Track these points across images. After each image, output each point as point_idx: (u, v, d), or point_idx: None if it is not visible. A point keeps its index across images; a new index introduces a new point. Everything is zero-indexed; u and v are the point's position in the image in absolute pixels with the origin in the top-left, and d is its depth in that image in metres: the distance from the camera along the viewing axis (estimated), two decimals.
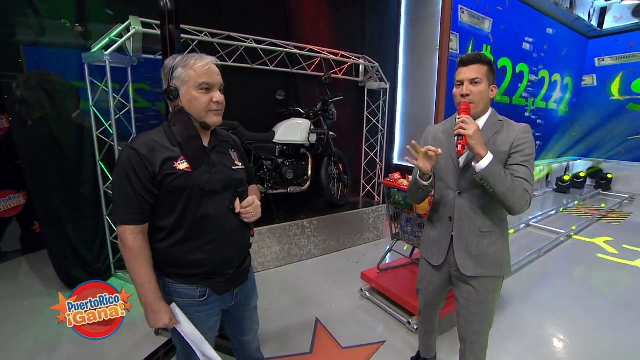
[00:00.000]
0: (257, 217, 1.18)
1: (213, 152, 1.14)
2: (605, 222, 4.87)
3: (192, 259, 1.08)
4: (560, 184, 6.73)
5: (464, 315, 1.43)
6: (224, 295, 1.18)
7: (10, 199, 3.25)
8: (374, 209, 3.88)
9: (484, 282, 1.36)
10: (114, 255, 2.81)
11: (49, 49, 2.54)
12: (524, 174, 1.25)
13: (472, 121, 1.22)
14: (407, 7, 4.63)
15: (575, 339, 2.21)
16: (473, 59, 1.30)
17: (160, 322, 1.06)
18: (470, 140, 1.19)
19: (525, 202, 1.23)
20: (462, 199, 1.36)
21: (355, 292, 2.73)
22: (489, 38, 4.86)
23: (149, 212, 1.04)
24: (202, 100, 1.06)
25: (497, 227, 1.35)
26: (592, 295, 2.78)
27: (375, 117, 4.31)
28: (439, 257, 1.46)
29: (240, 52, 3.15)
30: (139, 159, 0.99)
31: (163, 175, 1.02)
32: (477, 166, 1.22)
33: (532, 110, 6.19)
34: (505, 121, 1.35)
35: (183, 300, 1.12)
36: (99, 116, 2.58)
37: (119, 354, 1.95)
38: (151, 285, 1.04)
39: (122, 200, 1.01)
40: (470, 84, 1.30)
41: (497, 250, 1.35)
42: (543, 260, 3.47)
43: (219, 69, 1.11)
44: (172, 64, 1.06)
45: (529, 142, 1.28)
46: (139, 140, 1.04)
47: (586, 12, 6.32)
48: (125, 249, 1.02)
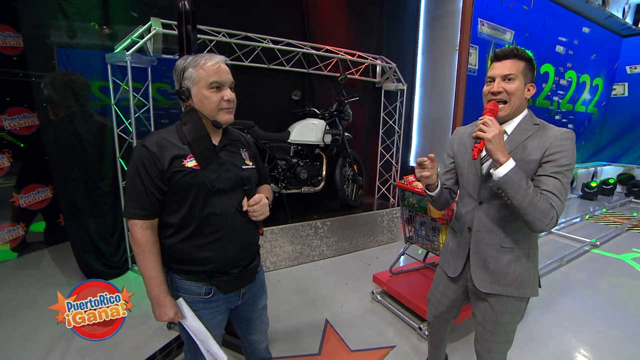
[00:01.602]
0: (264, 215, 1.17)
1: (223, 151, 1.15)
2: (637, 232, 4.60)
3: (198, 256, 1.10)
4: (587, 190, 6.41)
5: (480, 332, 1.34)
6: (230, 294, 1.18)
7: (38, 192, 3.42)
8: (388, 211, 3.82)
9: (502, 301, 1.26)
10: (130, 250, 2.90)
11: (75, 50, 2.65)
12: (552, 188, 1.09)
13: (494, 123, 1.09)
14: (426, 5, 4.55)
15: (599, 353, 2.09)
16: (509, 52, 1.16)
17: (165, 316, 1.07)
18: (489, 145, 1.07)
19: (550, 220, 1.08)
20: (482, 210, 1.26)
21: (367, 294, 2.69)
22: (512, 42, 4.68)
23: (157, 208, 1.07)
24: (214, 99, 1.08)
25: (521, 244, 1.22)
26: (617, 308, 2.63)
27: (391, 119, 4.25)
28: (456, 269, 1.38)
29: (257, 52, 3.19)
30: (149, 156, 1.02)
31: (172, 172, 1.04)
32: (494, 173, 1.10)
33: (556, 112, 5.92)
34: (542, 125, 1.19)
35: (189, 297, 1.13)
36: (120, 114, 2.67)
37: (133, 345, 2.01)
38: (157, 279, 1.06)
39: (132, 195, 1.04)
40: (502, 80, 1.16)
41: (519, 269, 1.23)
42: (565, 270, 3.31)
43: (229, 68, 1.12)
44: (183, 64, 1.08)
45: (566, 151, 1.10)
46: (151, 138, 1.06)
47: (620, 9, 6.00)
48: (134, 243, 1.05)
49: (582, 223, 4.93)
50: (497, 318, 1.27)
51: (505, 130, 1.22)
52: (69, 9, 2.56)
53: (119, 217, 2.84)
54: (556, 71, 5.64)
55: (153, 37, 2.49)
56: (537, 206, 1.06)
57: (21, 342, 2.02)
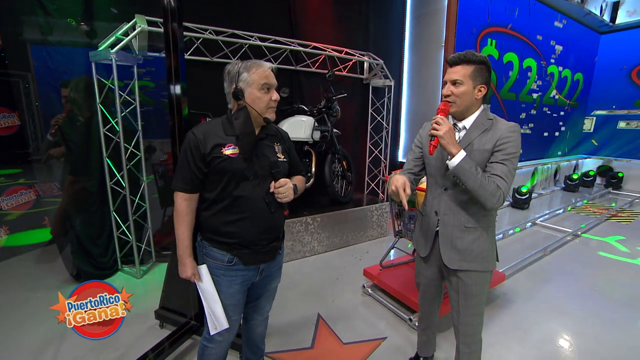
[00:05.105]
0: (288, 198, 1.31)
1: (260, 143, 1.31)
2: (614, 221, 4.78)
3: (225, 230, 1.28)
4: (569, 183, 6.62)
5: (455, 307, 1.49)
6: (249, 267, 1.33)
7: (21, 194, 3.33)
8: (378, 206, 3.87)
9: (471, 275, 1.42)
10: (120, 250, 2.87)
11: (56, 48, 2.58)
12: (500, 172, 1.27)
13: (445, 121, 1.26)
14: (412, 4, 4.60)
15: (580, 337, 2.19)
16: (457, 59, 1.31)
17: (184, 274, 1.29)
18: (442, 140, 1.25)
19: (497, 199, 1.26)
20: (447, 195, 1.41)
21: (358, 288, 2.74)
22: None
23: (198, 185, 1.27)
24: (264, 99, 1.27)
25: (481, 223, 1.39)
26: (597, 295, 2.74)
27: (379, 115, 4.30)
28: (426, 249, 1.53)
29: (245, 49, 3.17)
30: (195, 141, 1.22)
31: (212, 157, 1.22)
32: (449, 163, 1.28)
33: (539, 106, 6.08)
34: (495, 120, 1.36)
35: (214, 262, 1.31)
36: (105, 113, 2.62)
37: (125, 344, 2.00)
38: (184, 243, 1.28)
39: (179, 172, 1.26)
40: (452, 85, 1.32)
41: (481, 246, 1.40)
42: (549, 259, 3.43)
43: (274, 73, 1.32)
44: (237, 69, 1.26)
45: (512, 142, 1.29)
46: (200, 127, 1.26)
47: (598, 7, 6.18)
48: (175, 210, 1.28)
49: (565, 214, 5.09)
50: (469, 290, 1.43)
51: (465, 125, 1.38)
52: (50, 5, 2.49)
53: (108, 217, 2.80)
54: (538, 66, 5.78)
55: (138, 34, 2.45)
56: (485, 188, 1.25)
57: (6, 346, 1.99)
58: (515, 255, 3.30)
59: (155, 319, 2.17)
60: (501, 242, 3.88)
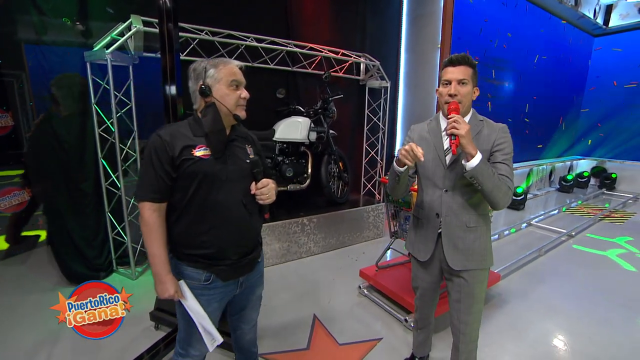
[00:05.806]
0: (270, 199, 1.25)
1: (231, 144, 1.24)
2: (608, 221, 4.83)
3: (199, 240, 1.17)
4: (564, 183, 6.68)
5: (457, 307, 1.48)
6: (228, 282, 1.24)
7: (15, 195, 3.30)
8: (374, 207, 3.88)
9: (473, 274, 1.43)
10: (115, 252, 2.85)
11: (50, 47, 2.56)
12: (505, 172, 1.30)
13: (463, 121, 1.24)
14: (408, 5, 4.62)
15: (574, 337, 2.20)
16: (462, 59, 1.33)
17: (165, 293, 1.15)
18: (463, 140, 1.22)
19: (509, 198, 1.30)
20: (448, 196, 1.41)
21: (354, 289, 2.74)
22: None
23: (166, 193, 1.15)
24: (233, 96, 1.20)
25: (481, 222, 1.42)
26: (591, 294, 2.76)
27: (376, 116, 4.31)
28: (426, 253, 1.51)
29: (241, 50, 3.17)
30: (162, 144, 1.11)
31: (181, 160, 1.13)
32: (467, 165, 1.25)
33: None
34: (485, 121, 1.40)
35: (190, 282, 1.20)
36: (101, 114, 2.61)
37: (119, 347, 1.98)
38: (161, 258, 1.14)
39: (144, 180, 1.14)
40: (458, 84, 1.32)
41: (481, 244, 1.42)
42: (543, 260, 3.46)
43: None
44: (204, 65, 1.19)
45: (508, 142, 1.34)
46: (165, 128, 1.17)
47: (592, 10, 6.25)
48: (142, 223, 1.14)
49: (559, 215, 5.14)
50: (472, 289, 1.44)
51: None
52: (44, 5, 2.48)
53: (103, 219, 2.78)
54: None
55: (134, 35, 2.44)
56: (500, 189, 1.27)
57: (1, 350, 1.97)
58: (510, 255, 3.32)
59: (150, 320, 2.16)
60: (496, 243, 3.90)
